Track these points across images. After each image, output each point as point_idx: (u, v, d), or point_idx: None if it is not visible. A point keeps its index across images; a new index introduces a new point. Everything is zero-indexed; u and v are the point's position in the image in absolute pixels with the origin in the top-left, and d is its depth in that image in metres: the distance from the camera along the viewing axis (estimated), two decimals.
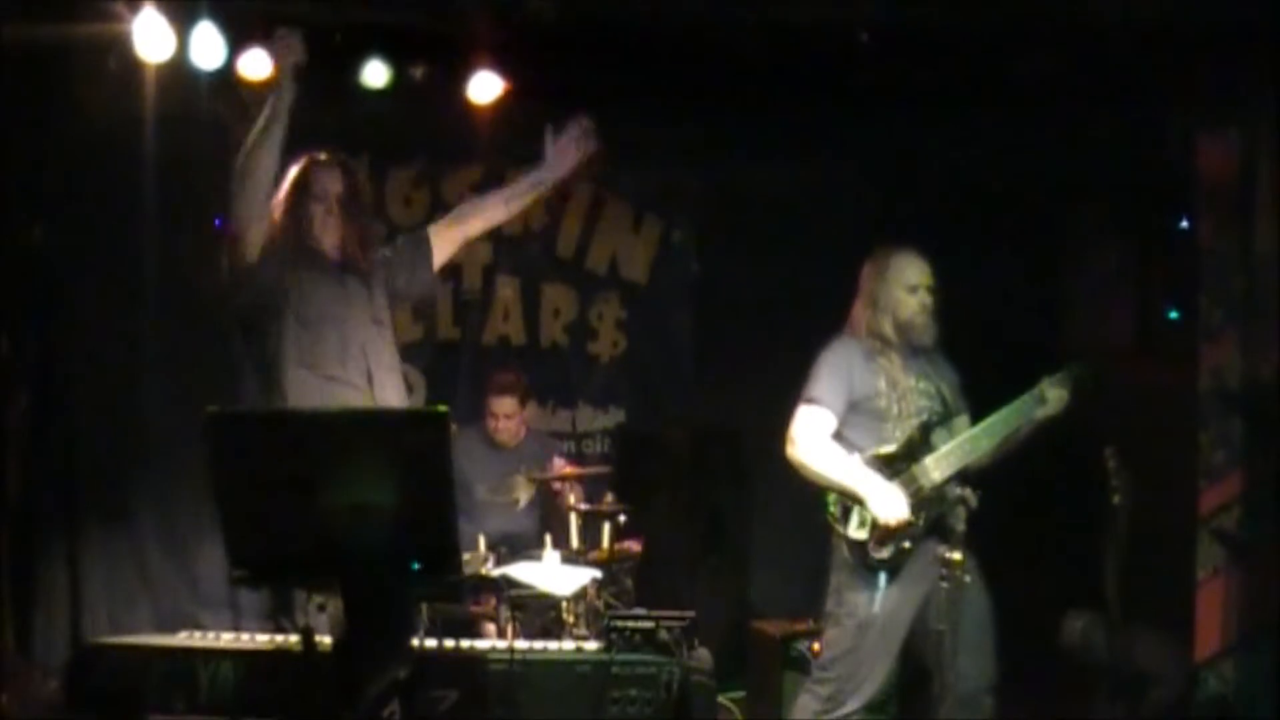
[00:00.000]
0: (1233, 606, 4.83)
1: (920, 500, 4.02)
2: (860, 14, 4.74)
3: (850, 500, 4.02)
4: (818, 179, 6.18)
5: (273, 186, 3.89)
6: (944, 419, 4.14)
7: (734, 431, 6.14)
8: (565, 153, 4.35)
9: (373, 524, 2.73)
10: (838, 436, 4.11)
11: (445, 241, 4.32)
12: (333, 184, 4.00)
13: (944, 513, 4.00)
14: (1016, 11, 4.53)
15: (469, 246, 6.16)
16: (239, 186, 3.85)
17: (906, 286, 4.16)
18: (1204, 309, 4.96)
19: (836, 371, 4.13)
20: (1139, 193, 5.48)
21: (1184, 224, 5.26)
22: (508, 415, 5.58)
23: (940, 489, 4.03)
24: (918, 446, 4.06)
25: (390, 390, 3.99)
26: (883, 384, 4.10)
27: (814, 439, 4.07)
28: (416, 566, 2.81)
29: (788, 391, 4.22)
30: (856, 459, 4.04)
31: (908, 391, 4.11)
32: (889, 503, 3.96)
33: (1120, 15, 4.52)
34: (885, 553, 4.00)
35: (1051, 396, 4.16)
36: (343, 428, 2.95)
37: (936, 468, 4.04)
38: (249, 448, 2.82)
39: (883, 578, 4.01)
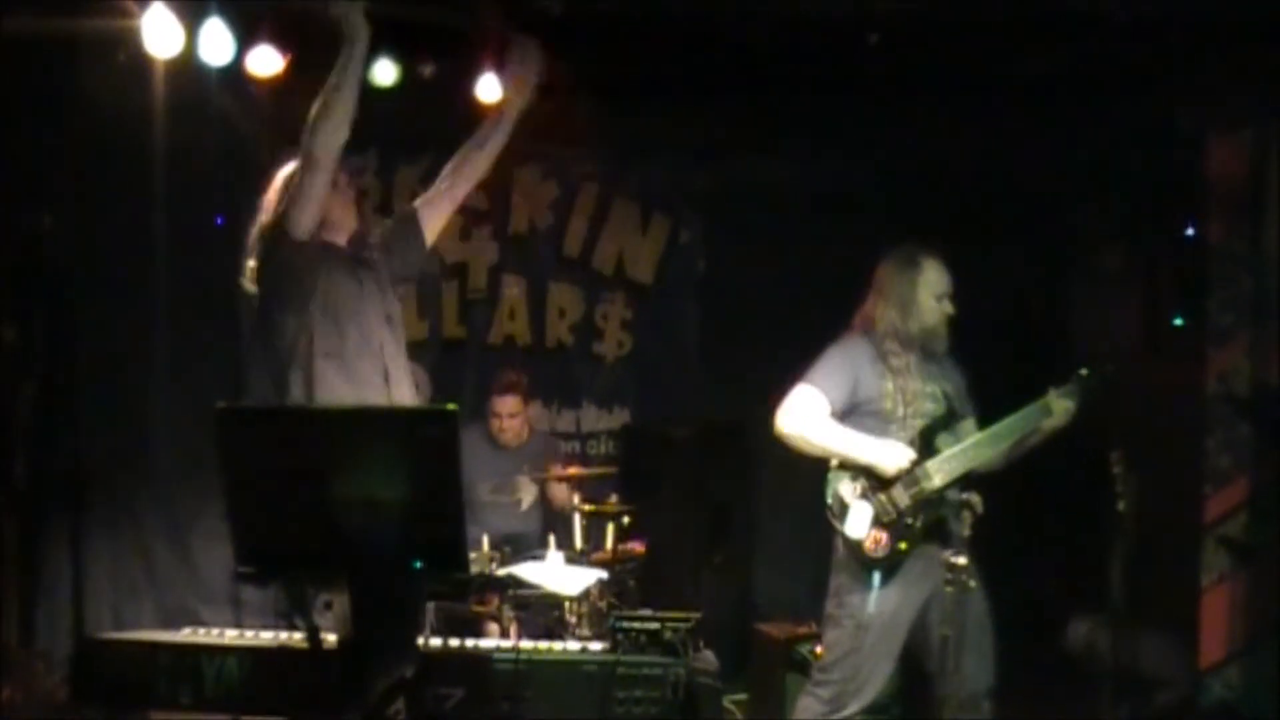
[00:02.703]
0: (1238, 612, 4.83)
1: (919, 503, 4.01)
2: (869, 13, 4.73)
3: (853, 467, 4.02)
4: (826, 179, 6.18)
5: (339, 154, 3.75)
6: (948, 423, 4.14)
7: (739, 432, 6.13)
8: (521, 80, 4.21)
9: (380, 521, 2.72)
10: None
11: (436, 212, 4.18)
12: (348, 176, 3.97)
13: (944, 516, 4.00)
14: (1026, 11, 4.52)
15: (476, 246, 6.26)
16: (314, 139, 3.71)
17: (936, 294, 4.13)
18: (1212, 313, 4.95)
19: (842, 368, 4.12)
20: (1148, 195, 5.47)
21: (1193, 227, 5.25)
22: (511, 414, 5.58)
23: (941, 493, 4.03)
24: (920, 449, 4.06)
25: (405, 391, 3.97)
26: (889, 386, 4.09)
27: (807, 414, 4.07)
28: (423, 564, 2.80)
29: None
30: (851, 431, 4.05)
31: (915, 395, 4.10)
32: (891, 453, 3.99)
33: (1130, 16, 4.51)
34: (881, 552, 3.99)
35: (1058, 408, 4.14)
36: (351, 424, 2.94)
37: (938, 471, 4.03)
38: (258, 443, 2.81)
39: (878, 578, 4.00)
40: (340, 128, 3.76)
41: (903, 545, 3.99)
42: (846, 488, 4.04)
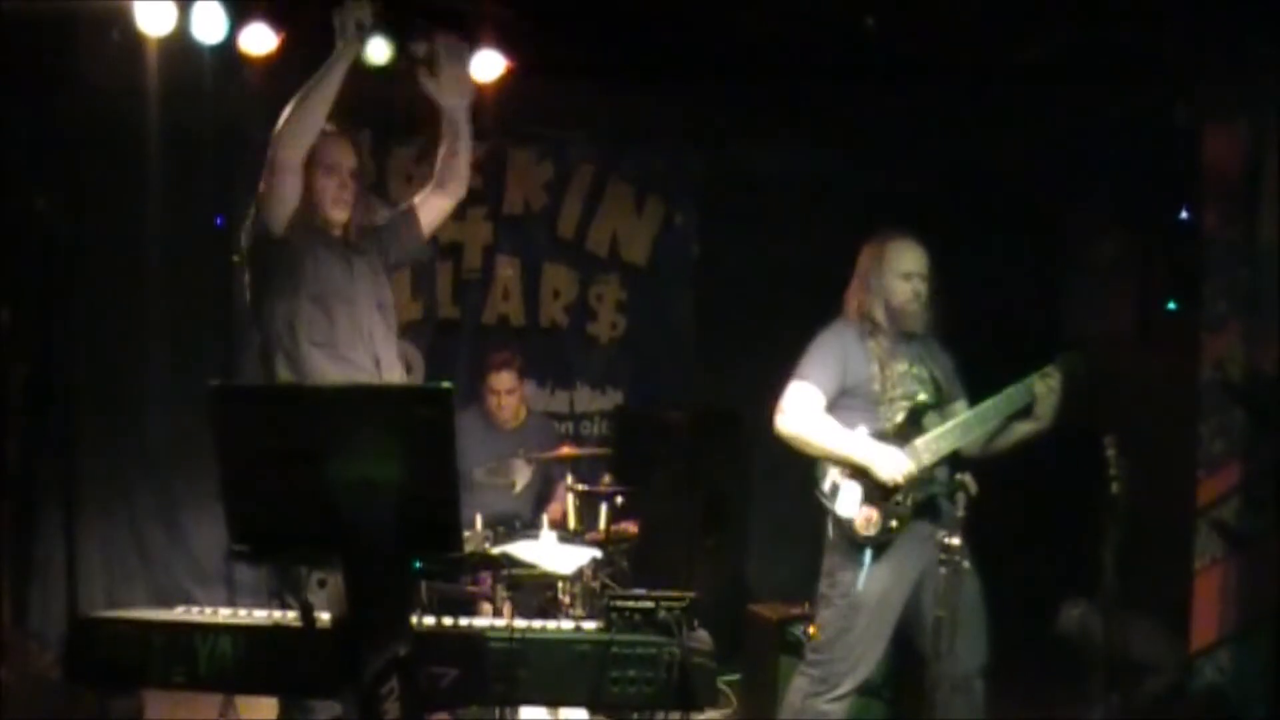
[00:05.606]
0: (1230, 597, 4.84)
1: (909, 481, 4.03)
2: (866, 1, 4.73)
3: (851, 469, 4.02)
4: (819, 163, 6.18)
5: (304, 156, 3.75)
6: (936, 404, 4.16)
7: (732, 414, 6.15)
8: (461, 80, 4.15)
9: (375, 500, 2.71)
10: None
11: (431, 210, 4.17)
12: (344, 156, 3.90)
13: (934, 495, 4.02)
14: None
15: (471, 226, 6.25)
16: (278, 141, 3.71)
17: (900, 273, 4.17)
18: (1207, 299, 4.95)
19: (830, 355, 4.15)
20: (1143, 181, 5.48)
21: (1188, 214, 5.25)
22: (509, 390, 5.57)
23: (930, 471, 4.05)
24: (908, 429, 4.08)
25: (396, 377, 3.97)
26: (875, 368, 4.13)
27: (806, 412, 4.10)
28: (418, 544, 2.79)
29: (787, 375, 4.22)
30: (853, 430, 4.07)
31: (901, 376, 4.13)
32: (892, 462, 4.00)
33: (1126, 4, 4.50)
34: (872, 531, 4.01)
35: (1040, 389, 4.16)
36: (346, 403, 2.92)
37: (926, 450, 4.06)
38: (252, 422, 2.80)
39: (869, 556, 4.02)
40: (309, 134, 3.72)
41: (894, 524, 4.03)
42: (838, 467, 4.06)
